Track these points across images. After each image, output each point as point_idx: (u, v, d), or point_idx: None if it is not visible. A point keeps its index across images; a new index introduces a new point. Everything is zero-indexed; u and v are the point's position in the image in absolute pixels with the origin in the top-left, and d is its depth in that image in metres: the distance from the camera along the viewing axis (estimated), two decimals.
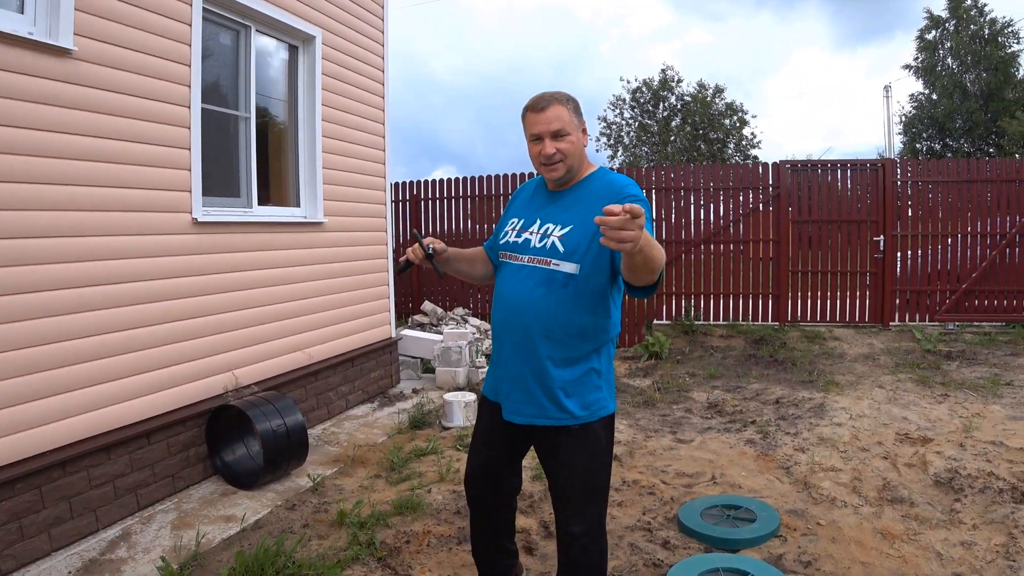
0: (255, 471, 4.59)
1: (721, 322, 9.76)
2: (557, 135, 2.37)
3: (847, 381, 7.04)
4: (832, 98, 71.15)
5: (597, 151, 34.10)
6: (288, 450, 4.56)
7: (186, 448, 4.54)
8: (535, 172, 2.60)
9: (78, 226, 3.82)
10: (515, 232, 2.55)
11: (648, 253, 1.93)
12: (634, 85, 32.77)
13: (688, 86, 32.18)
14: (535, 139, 2.41)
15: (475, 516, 2.84)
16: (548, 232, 2.42)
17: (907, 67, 30.28)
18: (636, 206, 1.73)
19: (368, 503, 4.25)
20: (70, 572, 3.50)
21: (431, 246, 2.48)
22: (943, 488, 4.31)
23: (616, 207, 1.72)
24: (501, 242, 2.61)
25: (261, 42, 5.47)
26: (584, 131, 2.49)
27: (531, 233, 2.47)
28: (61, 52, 3.68)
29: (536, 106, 2.39)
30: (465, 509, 4.13)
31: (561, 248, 2.36)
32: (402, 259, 2.53)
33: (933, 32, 29.44)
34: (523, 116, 2.45)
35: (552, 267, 2.37)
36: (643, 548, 3.64)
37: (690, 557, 3.46)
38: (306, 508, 4.25)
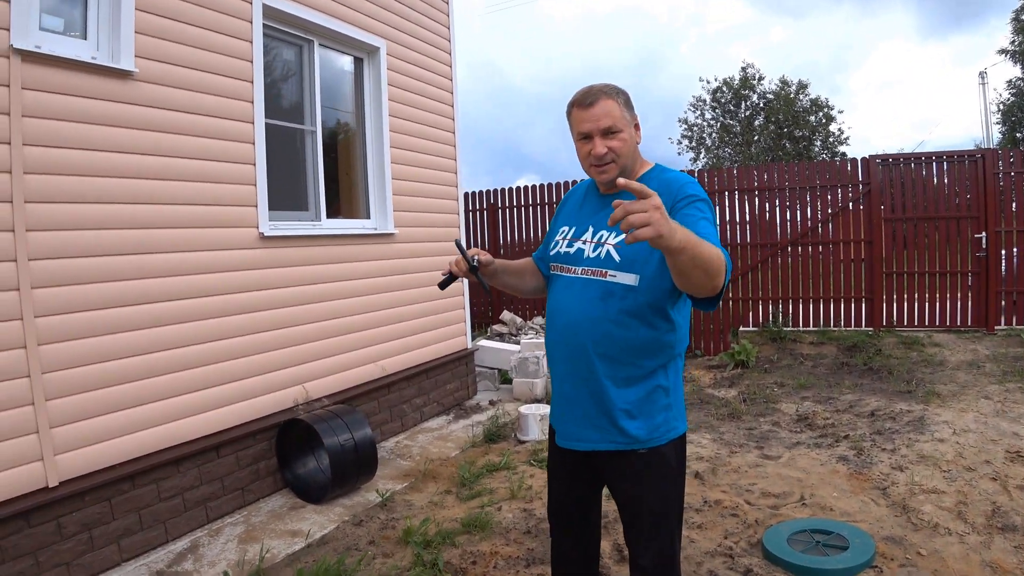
0: (324, 485, 4.54)
1: (811, 328, 9.27)
2: (608, 132, 2.13)
3: (949, 391, 6.54)
4: (922, 89, 68.11)
5: (679, 154, 33.46)
6: (356, 465, 4.50)
7: (256, 461, 4.53)
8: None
9: (146, 243, 3.88)
10: (566, 242, 2.32)
11: (695, 252, 1.68)
12: (714, 85, 32.01)
13: (770, 83, 31.21)
14: (583, 138, 2.18)
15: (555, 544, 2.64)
16: (602, 240, 2.19)
17: (1003, 52, 28.44)
18: (642, 186, 1.53)
19: (435, 520, 4.14)
20: None
21: (476, 258, 2.27)
22: None
23: (622, 179, 1.53)
24: (552, 253, 2.39)
25: (325, 55, 5.47)
26: (637, 127, 2.25)
27: (583, 242, 2.25)
28: (123, 74, 3.75)
29: (583, 101, 2.15)
30: (536, 529, 3.97)
31: (617, 257, 2.13)
32: (444, 273, 2.35)
33: None
34: (568, 113, 2.23)
35: (609, 279, 2.14)
36: None
37: None
38: (373, 524, 4.17)
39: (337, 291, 5.30)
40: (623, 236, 2.16)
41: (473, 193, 11.52)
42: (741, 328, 9.43)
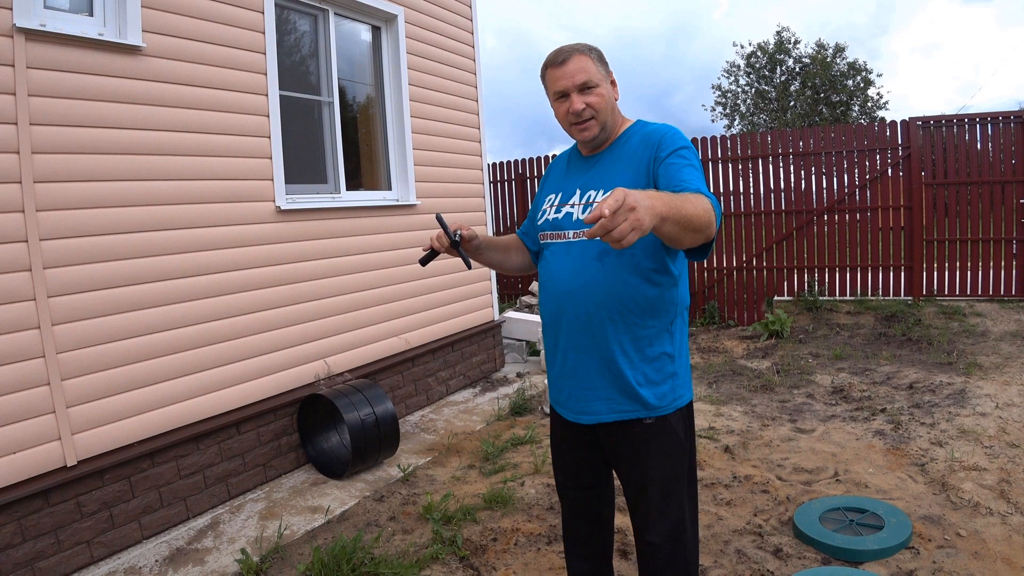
0: (345, 461, 4.50)
1: (848, 297, 9.00)
2: (584, 88, 2.06)
3: (992, 363, 6.30)
4: (965, 52, 65.87)
5: (713, 121, 32.78)
6: (378, 440, 4.44)
7: (277, 437, 4.50)
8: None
9: (161, 220, 3.83)
10: (554, 209, 2.23)
11: (678, 216, 1.57)
12: (748, 50, 31.21)
13: (806, 47, 30.33)
14: (560, 97, 2.10)
15: (567, 520, 2.56)
16: (591, 200, 2.10)
17: None
18: (610, 199, 1.40)
19: (457, 496, 4.07)
20: (157, 560, 3.51)
21: (458, 232, 2.16)
22: None
23: (591, 215, 1.40)
24: (540, 222, 2.29)
25: (341, 25, 5.33)
26: (613, 83, 2.16)
27: (572, 206, 2.16)
28: (132, 50, 3.68)
29: (555, 60, 2.08)
30: (558, 505, 3.89)
31: None
32: (425, 248, 2.22)
33: None
34: (543, 76, 2.15)
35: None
36: (751, 556, 3.28)
37: (805, 570, 3.07)
38: (394, 500, 4.12)
39: (358, 264, 5.21)
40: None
41: (500, 163, 11.36)
42: (776, 297, 9.21)
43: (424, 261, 2.23)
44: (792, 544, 3.37)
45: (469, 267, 2.16)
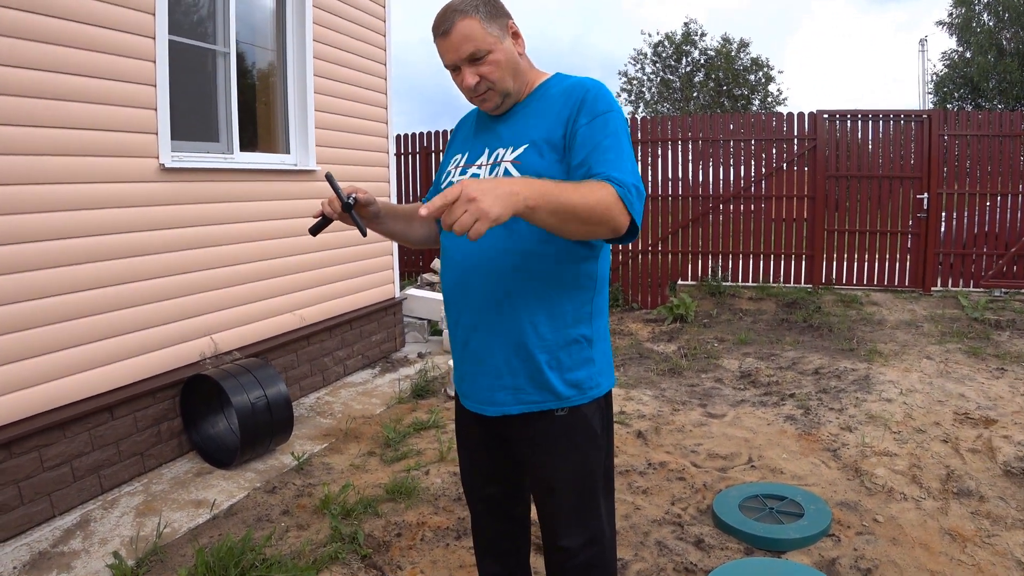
0: (234, 448, 4.10)
1: (750, 283, 9.12)
2: (474, 59, 1.77)
3: (891, 350, 6.44)
4: (860, 57, 69.40)
5: None
6: (269, 425, 4.06)
7: (157, 422, 4.05)
8: None
9: (16, 171, 3.28)
10: (459, 170, 1.94)
11: (554, 206, 1.43)
12: (656, 39, 31.70)
13: (712, 40, 31.11)
14: (453, 69, 1.82)
15: (474, 520, 2.29)
16: (499, 158, 1.82)
17: (940, 23, 29.01)
18: (448, 191, 1.30)
19: (356, 487, 3.76)
20: (15, 567, 3.05)
21: (352, 196, 1.84)
22: (1015, 480, 3.75)
23: (429, 207, 1.31)
24: (443, 186, 2.00)
25: None
26: (515, 34, 1.85)
27: (479, 166, 1.86)
28: None
29: (438, 29, 1.78)
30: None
31: (517, 174, 1.75)
32: (316, 215, 1.90)
33: None
34: (435, 42, 1.85)
35: None
36: (672, 548, 3.12)
37: (729, 563, 2.92)
38: (288, 491, 3.77)
39: (250, 232, 4.76)
40: (524, 147, 1.78)
41: (405, 135, 10.95)
42: (680, 282, 9.23)
43: (315, 230, 1.90)
44: (713, 534, 3.24)
45: (364, 234, 1.83)
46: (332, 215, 1.86)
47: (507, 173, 1.76)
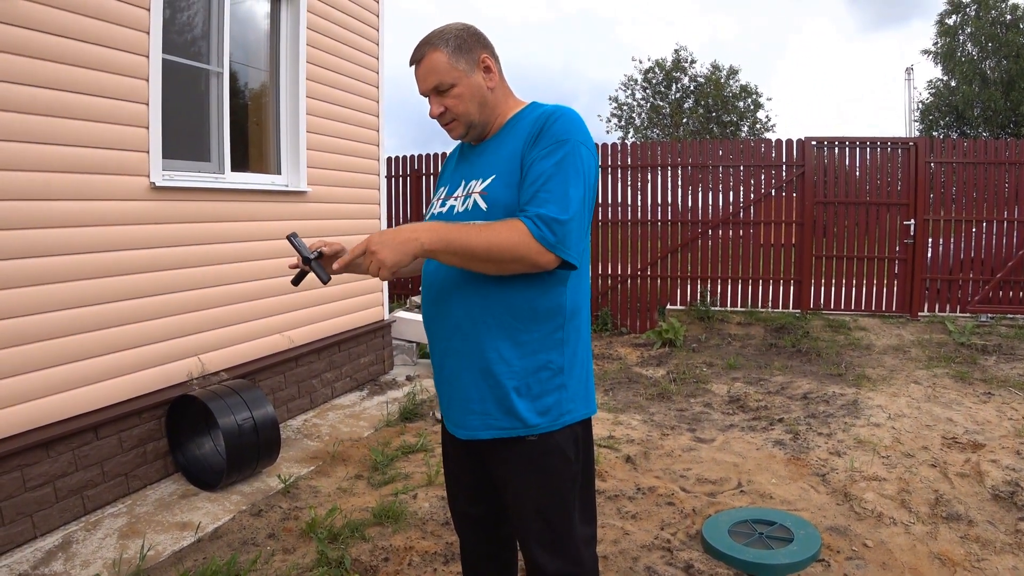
0: (220, 470, 4.06)
1: (739, 308, 9.15)
2: (439, 91, 1.88)
3: (879, 375, 6.46)
4: (847, 85, 70.39)
5: (607, 132, 33.37)
6: (256, 447, 4.02)
7: (142, 443, 4.01)
8: None
9: (5, 187, 3.27)
10: (440, 202, 2.02)
11: (454, 249, 1.68)
12: (646, 65, 32.06)
13: (702, 67, 31.47)
14: (425, 96, 1.94)
15: (463, 543, 2.28)
16: (471, 190, 1.88)
17: (926, 52, 29.55)
18: (357, 246, 1.63)
19: (343, 510, 3.72)
20: None
21: (318, 251, 1.91)
22: (1003, 504, 3.75)
23: (336, 263, 1.75)
24: (426, 217, 2.06)
25: None
26: (488, 68, 1.90)
27: (455, 198, 1.94)
28: None
29: (412, 60, 1.91)
30: None
31: (484, 205, 1.81)
32: (292, 267, 1.97)
33: (954, 17, 28.64)
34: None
35: None
36: (662, 574, 3.11)
37: None
38: (274, 515, 3.72)
39: (240, 252, 4.75)
40: (491, 179, 1.83)
41: (397, 158, 10.97)
42: (668, 306, 9.25)
43: (295, 281, 2.03)
44: (703, 560, 3.22)
45: (324, 282, 1.87)
46: (306, 269, 1.93)
47: (476, 204, 1.84)
